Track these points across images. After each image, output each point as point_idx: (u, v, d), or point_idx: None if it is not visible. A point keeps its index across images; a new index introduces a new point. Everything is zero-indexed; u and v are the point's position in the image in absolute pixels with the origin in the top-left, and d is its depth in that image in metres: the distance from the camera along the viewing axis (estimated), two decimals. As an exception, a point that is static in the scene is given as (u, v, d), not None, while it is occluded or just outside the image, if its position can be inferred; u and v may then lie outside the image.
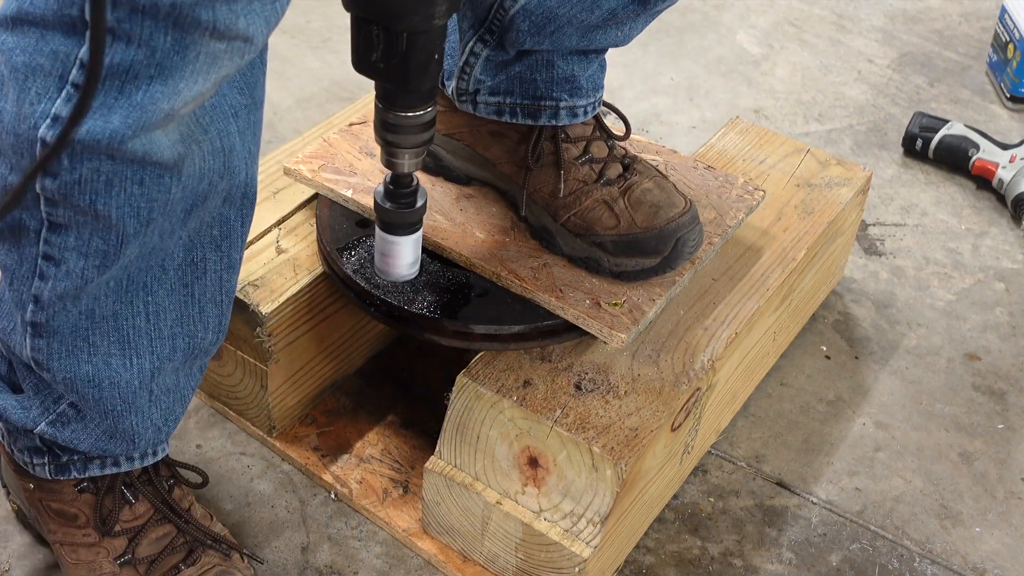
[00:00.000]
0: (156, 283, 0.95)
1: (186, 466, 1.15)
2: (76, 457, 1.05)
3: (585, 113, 1.15)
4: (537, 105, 1.13)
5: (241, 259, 1.02)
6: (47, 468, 1.06)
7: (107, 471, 1.06)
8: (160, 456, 1.09)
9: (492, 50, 1.12)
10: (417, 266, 1.13)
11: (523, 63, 1.12)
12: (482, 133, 1.19)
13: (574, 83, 1.13)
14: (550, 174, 1.15)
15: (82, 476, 1.06)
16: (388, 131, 1.00)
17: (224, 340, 1.07)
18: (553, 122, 1.14)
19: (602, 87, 1.17)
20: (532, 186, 1.16)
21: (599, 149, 1.16)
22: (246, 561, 1.13)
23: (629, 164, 1.16)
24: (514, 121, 1.15)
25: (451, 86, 1.16)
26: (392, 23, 0.91)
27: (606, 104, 1.21)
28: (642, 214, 1.11)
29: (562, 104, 1.13)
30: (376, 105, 1.00)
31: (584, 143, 1.15)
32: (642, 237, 1.10)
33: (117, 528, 1.08)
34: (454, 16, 1.14)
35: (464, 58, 1.13)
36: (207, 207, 0.93)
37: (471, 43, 1.12)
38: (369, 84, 0.99)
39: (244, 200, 0.97)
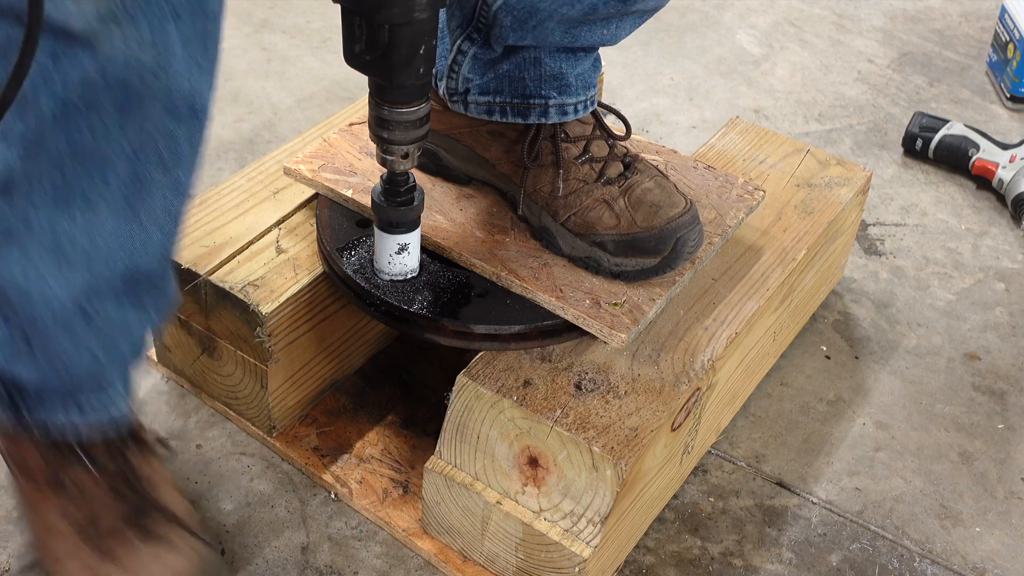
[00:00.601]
0: (97, 196, 0.92)
1: (158, 442, 1.14)
2: (32, 403, 1.03)
3: (576, 111, 1.14)
4: (526, 104, 1.13)
5: (190, 185, 0.99)
6: (8, 415, 1.04)
7: (59, 418, 1.04)
8: (115, 415, 1.06)
9: (479, 48, 1.12)
10: (417, 265, 1.13)
11: (511, 61, 1.12)
12: (481, 133, 1.19)
13: (562, 80, 1.13)
14: (549, 174, 1.15)
15: (37, 424, 1.04)
16: (381, 128, 1.00)
17: (174, 278, 1.05)
18: (543, 120, 1.13)
19: (594, 86, 1.17)
20: (531, 186, 1.16)
21: (599, 148, 1.16)
22: (208, 542, 1.12)
23: (630, 163, 1.16)
24: (504, 120, 1.15)
25: (442, 86, 1.17)
26: (371, 14, 0.91)
27: (605, 106, 1.21)
28: (642, 214, 1.11)
29: (551, 102, 1.13)
30: (369, 101, 1.00)
31: (584, 142, 1.15)
32: (642, 237, 1.10)
33: (70, 486, 1.06)
34: (445, 17, 1.14)
35: (452, 56, 1.14)
36: (145, 112, 0.91)
37: (459, 41, 1.13)
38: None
39: (192, 117, 0.94)
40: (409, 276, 1.13)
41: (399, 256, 1.11)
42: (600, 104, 1.20)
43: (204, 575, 1.09)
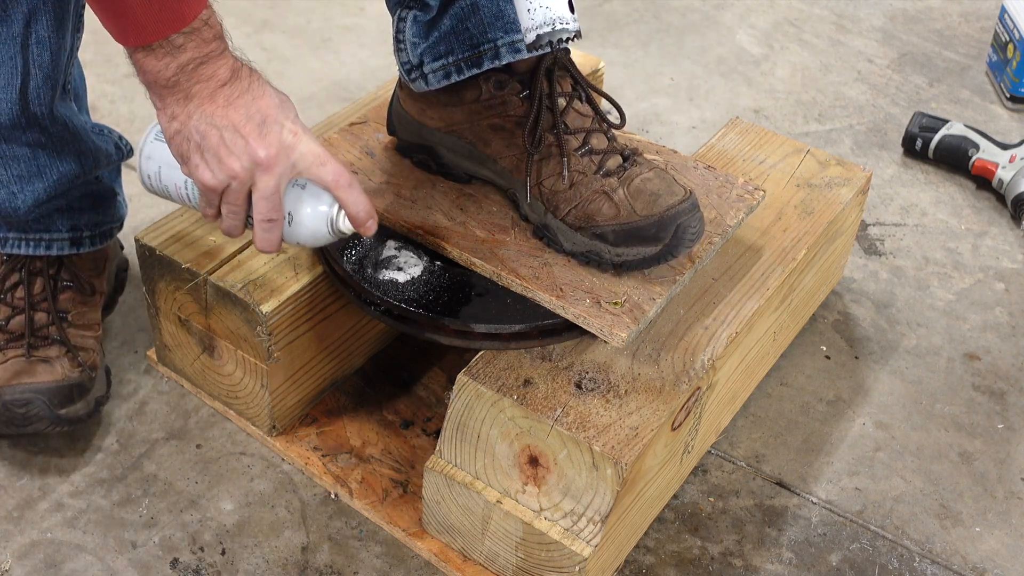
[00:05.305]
0: None
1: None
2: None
3: (531, 48, 1.14)
4: (478, 53, 1.13)
5: (57, 42, 1.14)
6: None
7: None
8: (40, 245, 1.27)
9: (418, 10, 1.14)
10: (567, 11, 1.10)
11: (450, 16, 1.13)
12: (482, 127, 1.19)
13: (504, 19, 1.12)
14: (551, 167, 1.15)
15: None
16: None
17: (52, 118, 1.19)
18: (496, 62, 1.13)
19: (549, 23, 1.14)
20: (535, 179, 1.16)
21: (599, 141, 1.16)
22: (96, 374, 1.28)
23: (629, 155, 1.16)
24: (461, 78, 1.15)
25: (398, 66, 1.19)
26: None
27: (602, 93, 1.21)
28: (642, 202, 1.11)
29: (500, 42, 1.12)
30: None
31: (583, 135, 1.15)
32: (642, 225, 1.10)
33: (5, 297, 1.28)
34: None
35: (395, 27, 1.17)
36: None
37: (398, 11, 1.17)
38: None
39: None
40: (558, 26, 1.11)
41: None
42: (598, 91, 1.19)
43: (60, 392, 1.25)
